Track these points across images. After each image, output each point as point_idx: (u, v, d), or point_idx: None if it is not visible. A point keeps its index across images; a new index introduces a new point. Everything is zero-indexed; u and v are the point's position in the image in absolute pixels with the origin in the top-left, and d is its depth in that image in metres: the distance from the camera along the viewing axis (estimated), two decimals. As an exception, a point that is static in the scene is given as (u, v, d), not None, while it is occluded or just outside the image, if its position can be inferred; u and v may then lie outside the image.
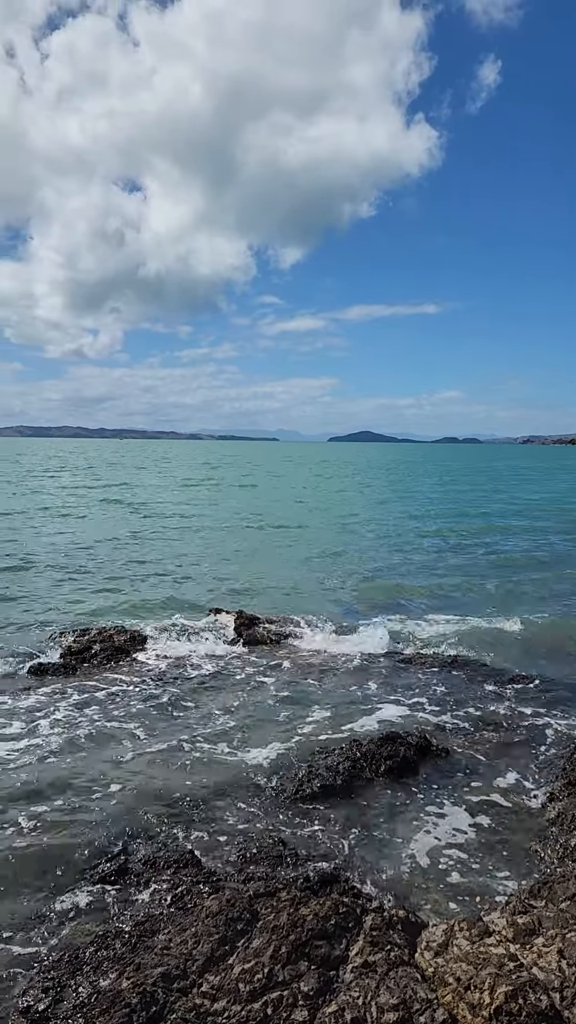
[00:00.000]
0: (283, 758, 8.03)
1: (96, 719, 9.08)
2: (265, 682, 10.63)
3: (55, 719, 9.03)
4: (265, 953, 4.25)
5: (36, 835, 6.27)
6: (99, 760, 7.89)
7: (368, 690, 10.33)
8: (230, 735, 8.67)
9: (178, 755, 8.05)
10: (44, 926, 5.10)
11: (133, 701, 9.76)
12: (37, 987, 4.33)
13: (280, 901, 4.69)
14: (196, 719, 9.18)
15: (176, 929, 4.60)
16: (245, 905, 4.67)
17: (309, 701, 9.86)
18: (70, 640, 12.21)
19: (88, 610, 15.12)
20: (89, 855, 5.96)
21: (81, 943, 4.73)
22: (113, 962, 4.40)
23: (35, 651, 12.08)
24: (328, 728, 8.92)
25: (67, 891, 5.48)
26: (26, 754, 7.99)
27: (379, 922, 4.62)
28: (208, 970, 4.22)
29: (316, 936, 4.40)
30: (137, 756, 8.01)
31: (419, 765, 7.85)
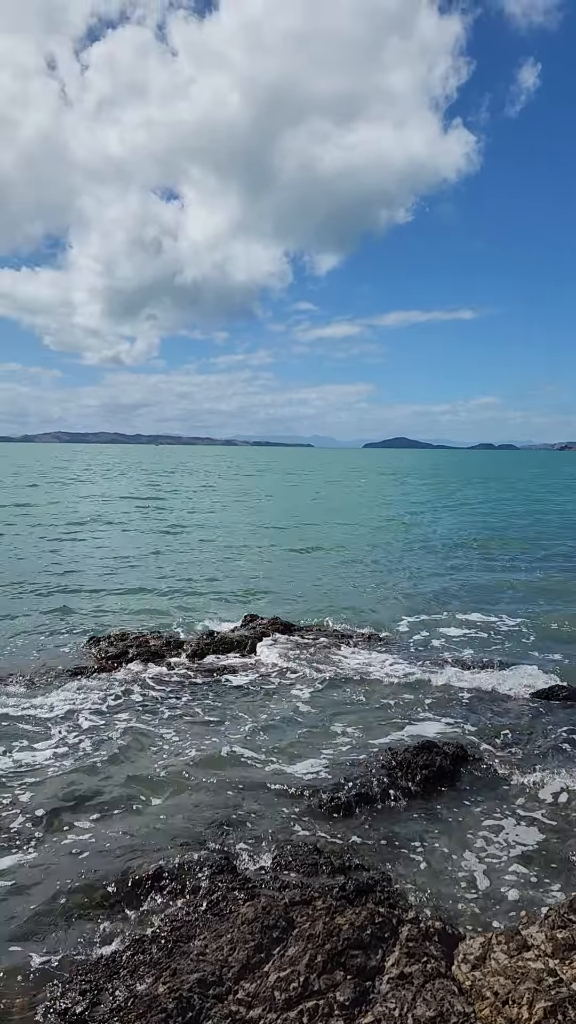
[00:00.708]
0: (317, 765, 8.00)
1: (131, 724, 9.13)
2: (299, 689, 10.61)
3: (91, 723, 9.12)
4: (301, 961, 4.24)
5: (73, 839, 6.34)
6: (134, 765, 7.94)
7: (403, 698, 10.26)
8: (264, 741, 8.67)
9: (212, 761, 8.07)
10: (80, 929, 5.14)
11: (168, 706, 9.82)
12: (75, 989, 4.37)
13: (316, 910, 4.68)
14: (230, 725, 9.20)
15: (212, 935, 4.61)
16: (281, 913, 4.66)
17: (343, 709, 9.82)
18: (106, 644, 12.32)
19: (124, 615, 15.26)
20: (125, 859, 5.99)
21: (117, 947, 4.76)
22: (149, 966, 4.42)
23: (73, 655, 12.23)
24: (363, 736, 8.88)
25: (104, 894, 5.51)
26: (64, 758, 8.07)
27: (415, 933, 4.58)
28: (244, 977, 4.22)
29: (352, 946, 4.38)
30: (171, 761, 8.04)
31: (455, 775, 7.78)
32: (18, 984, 4.57)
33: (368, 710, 9.74)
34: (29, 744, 8.45)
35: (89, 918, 5.27)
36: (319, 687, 10.69)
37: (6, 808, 6.87)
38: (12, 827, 6.51)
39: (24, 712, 9.46)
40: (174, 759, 8.09)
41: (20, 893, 5.54)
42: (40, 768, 7.78)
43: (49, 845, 6.22)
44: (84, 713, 9.47)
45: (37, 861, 5.99)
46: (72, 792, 7.20)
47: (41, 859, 6.02)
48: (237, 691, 10.53)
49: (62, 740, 8.60)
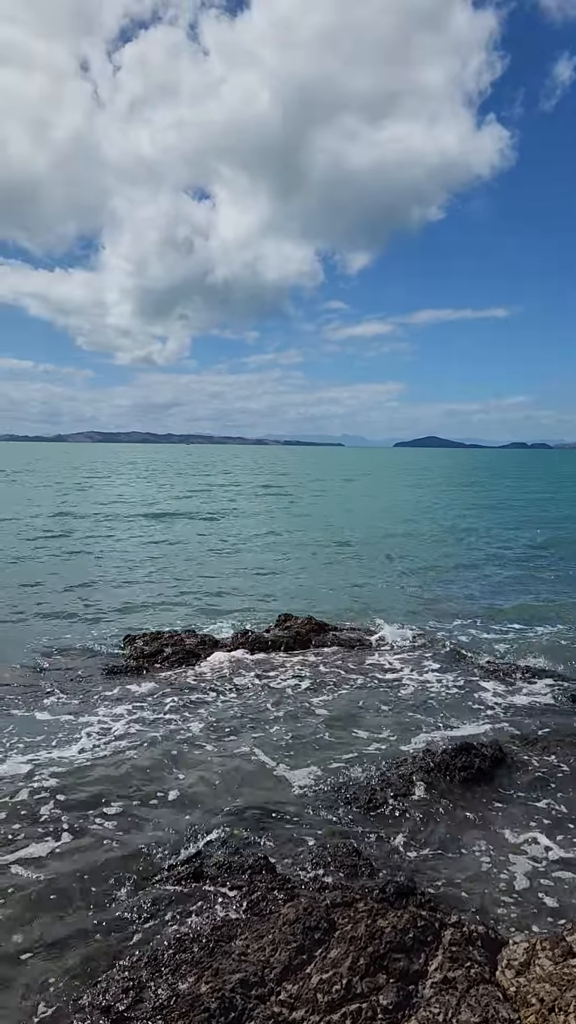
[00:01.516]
0: (354, 765, 7.97)
1: (167, 722, 9.18)
2: (335, 688, 10.59)
3: (127, 721, 9.17)
4: (343, 964, 4.22)
5: (112, 837, 6.36)
6: (170, 763, 7.97)
7: (439, 699, 10.19)
8: (300, 741, 8.66)
9: (248, 760, 8.08)
10: (122, 927, 5.16)
11: (203, 705, 9.85)
12: (117, 986, 4.38)
13: (357, 912, 4.65)
14: (265, 725, 9.20)
15: (253, 935, 4.60)
16: (322, 914, 4.64)
17: (380, 708, 9.78)
18: (142, 643, 12.40)
19: (159, 613, 15.35)
20: (164, 858, 6.02)
21: (159, 945, 4.77)
22: (191, 965, 4.42)
23: (108, 652, 12.33)
24: (399, 736, 8.83)
25: (144, 893, 5.53)
26: (98, 756, 8.12)
27: (458, 937, 4.54)
28: (286, 978, 4.21)
29: (395, 949, 4.34)
30: (207, 760, 8.06)
31: (494, 777, 7.70)
32: (60, 981, 4.60)
33: (404, 711, 9.69)
34: (65, 741, 8.52)
35: (128, 916, 5.29)
36: (354, 688, 10.65)
37: (42, 805, 6.91)
38: (48, 824, 6.54)
39: (60, 710, 9.55)
40: (209, 758, 8.11)
41: (57, 892, 5.57)
42: (75, 766, 7.82)
43: (84, 844, 6.25)
44: (119, 712, 9.54)
45: (73, 860, 6.01)
46: (107, 790, 7.24)
47: (77, 858, 6.04)
48: (272, 691, 10.52)
49: (97, 738, 8.66)
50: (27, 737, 8.53)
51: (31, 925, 5.14)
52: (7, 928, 5.09)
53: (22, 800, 6.97)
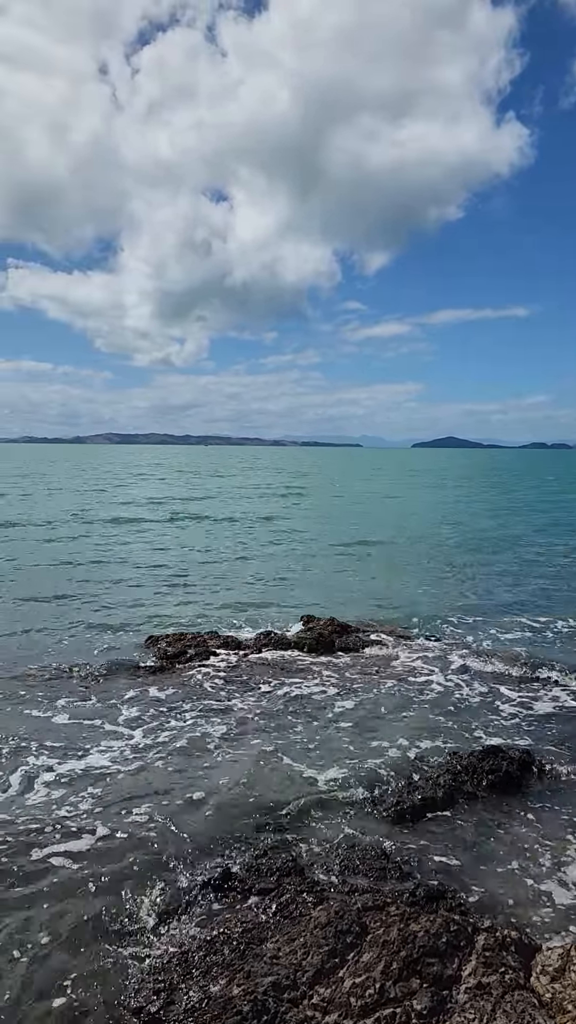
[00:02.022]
0: (380, 769, 7.93)
1: (191, 724, 9.18)
2: (359, 691, 10.54)
3: (151, 724, 9.18)
4: (376, 968, 4.19)
5: (140, 840, 6.35)
6: (196, 765, 7.96)
7: (464, 703, 10.13)
8: (325, 743, 8.63)
9: (273, 762, 8.06)
10: (153, 928, 5.16)
11: (226, 707, 9.83)
12: (149, 988, 4.39)
13: (389, 916, 4.62)
14: (289, 726, 9.18)
15: (284, 938, 4.58)
16: (354, 918, 4.61)
17: (404, 711, 9.72)
18: (165, 644, 12.41)
19: (182, 615, 15.36)
20: (193, 860, 6.01)
21: (190, 947, 4.76)
22: (223, 968, 4.41)
23: (131, 653, 12.35)
24: (425, 740, 8.77)
25: (173, 895, 5.54)
26: (123, 758, 8.13)
27: (492, 942, 4.49)
28: (318, 982, 4.19)
29: (428, 953, 4.31)
30: (233, 762, 8.05)
31: (522, 781, 7.63)
32: (94, 982, 4.60)
33: (429, 715, 9.63)
34: (90, 744, 8.54)
35: (158, 918, 5.29)
36: (378, 690, 10.60)
37: (69, 808, 6.94)
38: (75, 827, 6.54)
39: (85, 712, 9.58)
40: (234, 761, 8.10)
41: (86, 894, 5.58)
42: (99, 767, 7.85)
43: (112, 846, 6.25)
44: (143, 713, 9.55)
45: (101, 862, 6.01)
46: (133, 793, 7.24)
47: (106, 860, 6.04)
48: (295, 693, 10.49)
49: (121, 739, 8.67)
50: (52, 740, 8.54)
51: (61, 927, 5.14)
52: (38, 929, 5.10)
53: (49, 803, 6.99)
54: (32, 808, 6.89)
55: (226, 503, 46.27)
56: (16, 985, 4.55)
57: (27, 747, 8.30)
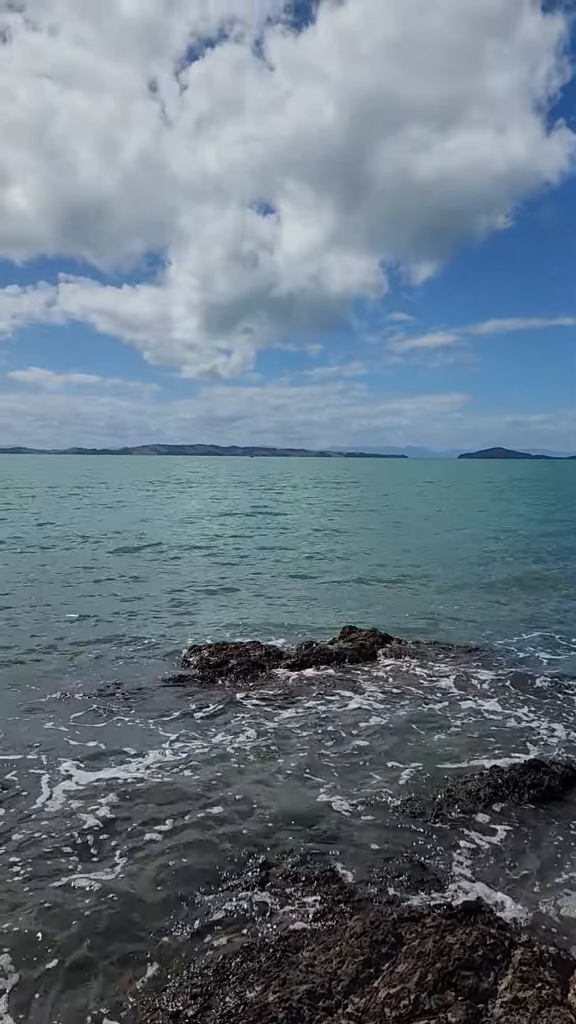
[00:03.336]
0: (419, 780, 7.90)
1: (232, 734, 9.25)
2: (399, 701, 10.51)
3: (192, 732, 9.27)
4: (411, 979, 4.19)
5: (179, 848, 6.42)
6: (235, 773, 8.02)
7: (506, 714, 10.03)
8: (364, 754, 8.63)
9: (312, 771, 8.08)
10: (190, 934, 5.22)
11: (267, 717, 9.88)
12: (185, 993, 4.44)
13: (425, 927, 4.61)
14: (329, 736, 9.19)
15: (320, 947, 4.60)
16: (389, 928, 4.62)
17: (444, 723, 9.67)
18: (207, 653, 12.52)
19: (224, 625, 15.48)
20: (231, 866, 6.06)
21: (226, 953, 4.81)
22: (259, 975, 4.45)
23: (174, 663, 12.49)
24: (464, 752, 8.71)
25: (210, 902, 5.59)
26: (165, 768, 8.21)
27: (529, 957, 4.46)
28: (353, 991, 4.20)
29: (463, 966, 4.29)
30: (272, 771, 8.10)
31: (565, 796, 7.54)
32: (128, 987, 4.68)
33: (470, 728, 9.55)
34: (130, 754, 8.64)
35: (195, 924, 5.34)
36: (419, 702, 10.56)
37: (109, 816, 7.03)
38: (115, 836, 6.64)
39: (125, 722, 9.71)
40: (273, 771, 8.14)
41: (125, 902, 5.65)
42: (141, 778, 7.93)
43: (152, 854, 6.32)
44: (185, 721, 9.65)
45: (141, 870, 6.09)
46: (173, 801, 7.31)
47: (145, 868, 6.12)
48: (337, 703, 10.51)
49: (162, 748, 8.76)
50: (92, 749, 8.63)
51: (101, 934, 5.22)
52: (79, 937, 5.18)
53: (89, 813, 7.08)
54: (67, 817, 6.98)
55: (271, 515, 46.45)
56: (54, 989, 4.65)
57: (65, 756, 8.40)
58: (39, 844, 6.44)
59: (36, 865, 6.10)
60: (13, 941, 5.08)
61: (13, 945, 5.04)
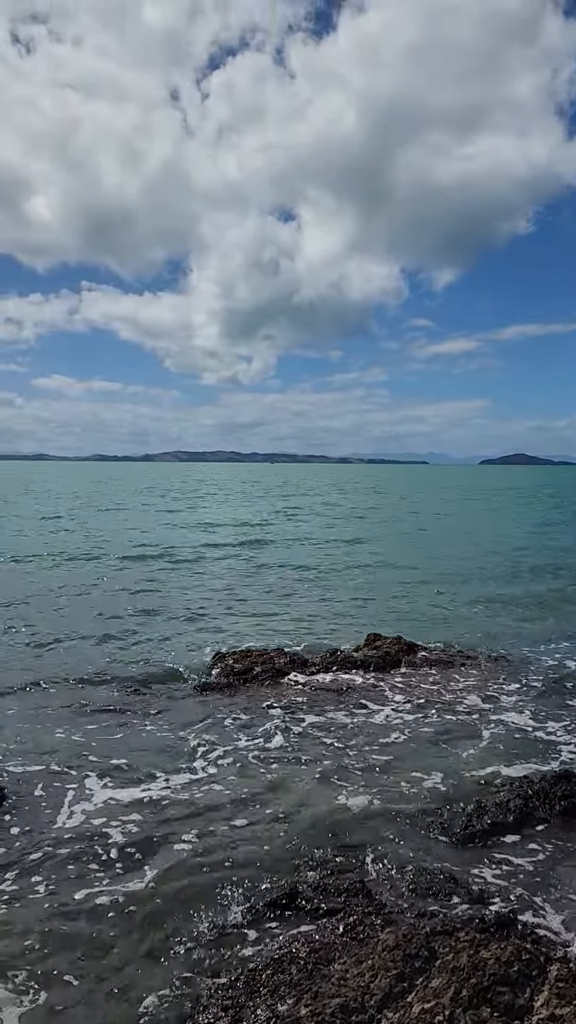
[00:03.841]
0: (447, 791, 7.82)
1: (257, 741, 9.22)
2: (425, 710, 10.43)
3: (218, 740, 9.24)
4: (445, 994, 4.12)
5: (207, 857, 6.39)
6: (261, 782, 7.98)
7: (534, 724, 9.91)
8: (390, 764, 8.55)
9: (338, 781, 8.02)
10: (219, 945, 5.18)
11: (293, 724, 9.83)
12: (216, 1005, 4.40)
13: (459, 941, 4.53)
14: (355, 746, 9.12)
15: (352, 960, 4.54)
16: (423, 942, 4.55)
17: (471, 733, 9.57)
18: (232, 661, 12.51)
19: (248, 632, 15.46)
20: (260, 878, 6.02)
21: (256, 965, 4.76)
22: (290, 987, 4.40)
23: (199, 670, 12.48)
24: (492, 762, 8.61)
25: (239, 913, 5.55)
26: (192, 776, 8.19)
27: (565, 973, 4.36)
28: (386, 1006, 4.14)
29: (498, 982, 4.22)
30: (298, 780, 8.04)
31: (596, 807, 7.42)
32: (158, 999, 4.65)
33: (498, 738, 9.44)
34: (155, 760, 8.64)
35: (224, 936, 5.31)
36: (445, 712, 10.46)
37: (128, 825, 7.02)
38: (141, 848, 6.60)
39: (152, 728, 9.71)
40: (300, 781, 8.08)
41: (155, 908, 5.64)
42: (166, 786, 7.91)
43: (179, 864, 6.29)
44: (210, 730, 9.63)
45: (169, 880, 6.05)
46: (199, 811, 7.28)
47: (173, 879, 6.07)
48: (362, 712, 10.44)
49: (187, 758, 8.74)
50: (117, 760, 8.58)
51: (127, 947, 5.19)
52: (105, 950, 5.16)
53: (113, 826, 7.03)
54: (91, 830, 6.94)
55: (294, 522, 46.42)
56: (80, 1004, 4.63)
57: (88, 768, 8.36)
58: (63, 857, 6.40)
59: (61, 878, 6.08)
60: (37, 957, 5.04)
61: (37, 960, 5.01)
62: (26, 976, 4.83)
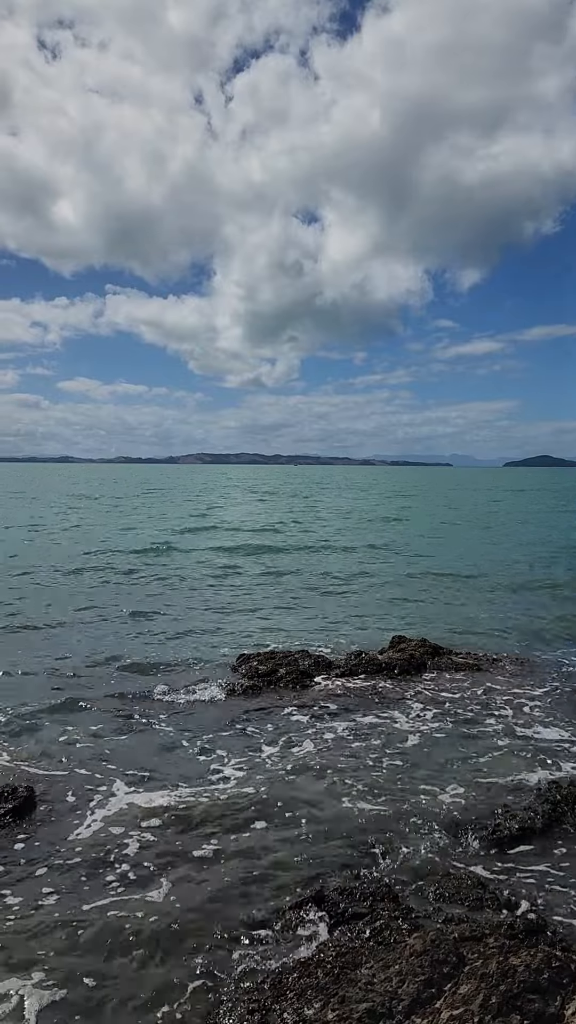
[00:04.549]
0: (474, 795, 7.75)
1: (280, 744, 9.20)
2: (450, 714, 10.34)
3: (241, 743, 9.24)
4: (474, 1001, 4.06)
5: (233, 858, 6.39)
6: (284, 786, 7.94)
7: (561, 729, 9.79)
8: (415, 768, 8.49)
9: (364, 784, 7.97)
10: (246, 947, 5.17)
11: (318, 727, 9.80)
12: (242, 1008, 4.38)
13: (488, 947, 4.48)
14: (379, 749, 9.07)
15: (379, 965, 4.50)
16: (450, 947, 4.50)
17: (497, 737, 9.48)
18: (256, 663, 12.49)
19: (273, 633, 15.45)
20: (285, 881, 6.00)
21: (283, 968, 4.74)
22: (316, 991, 4.37)
23: (224, 671, 12.48)
24: (519, 768, 8.52)
25: (265, 914, 5.54)
26: (215, 778, 8.19)
27: (597, 981, 4.30)
28: (414, 1012, 4.09)
29: (528, 989, 4.15)
30: (321, 785, 8.00)
31: (626, 813, 7.31)
32: (185, 1000, 4.64)
33: (525, 743, 9.35)
34: (178, 763, 8.66)
35: (251, 938, 5.29)
36: (470, 713, 10.37)
37: (158, 829, 7.02)
38: (162, 849, 6.62)
39: (175, 730, 9.71)
40: (323, 781, 8.06)
41: (179, 911, 5.64)
42: (189, 789, 7.90)
43: (201, 867, 6.29)
44: (233, 733, 9.62)
45: (194, 877, 6.09)
46: (224, 816, 7.26)
47: (197, 876, 6.11)
48: (387, 715, 10.38)
49: (210, 761, 8.74)
50: (140, 763, 8.61)
51: (153, 946, 5.20)
52: (130, 953, 5.16)
53: (137, 830, 7.03)
54: (113, 835, 6.95)
55: (321, 523, 46.37)
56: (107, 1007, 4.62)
57: (111, 773, 8.35)
58: (89, 861, 6.42)
59: (86, 883, 6.08)
60: (61, 962, 5.04)
61: (62, 965, 5.00)
62: (52, 976, 4.85)
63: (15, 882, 6.08)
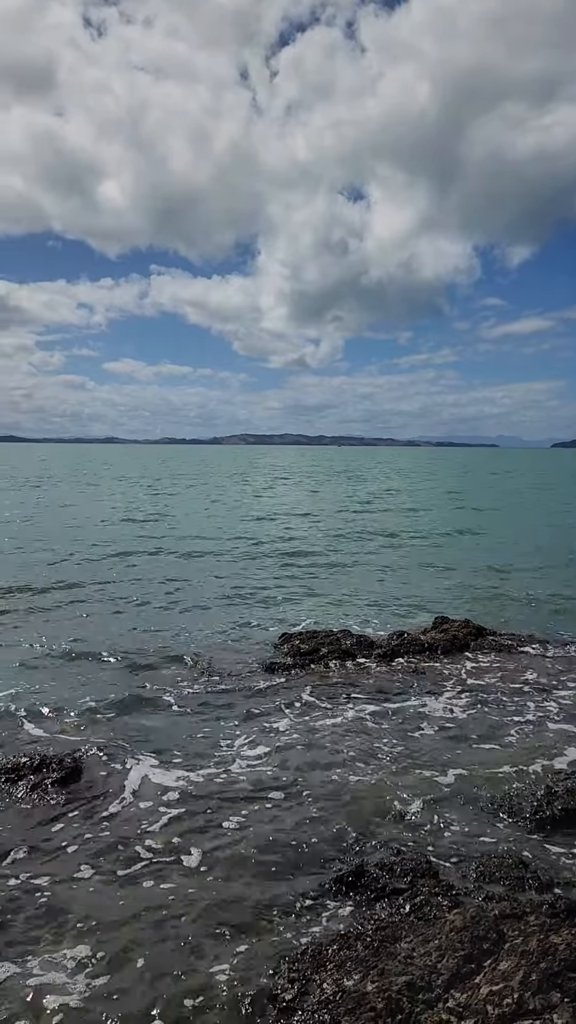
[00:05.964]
0: (515, 777, 7.70)
1: (326, 720, 9.25)
2: (492, 695, 10.29)
3: (282, 721, 9.30)
4: (514, 977, 4.08)
5: (276, 833, 6.47)
6: (324, 766, 7.98)
7: (608, 711, 9.69)
8: (456, 748, 8.47)
9: (407, 762, 8.00)
10: (288, 918, 5.24)
11: (360, 707, 9.83)
12: (284, 977, 4.45)
13: (528, 925, 4.49)
14: (423, 727, 9.08)
15: (419, 939, 4.54)
16: (491, 924, 4.51)
17: (540, 719, 9.40)
18: (298, 642, 12.55)
19: (316, 612, 15.50)
20: (327, 855, 6.07)
21: (323, 940, 4.80)
22: (356, 963, 4.42)
23: (266, 651, 12.57)
24: (562, 749, 8.45)
25: (308, 887, 5.61)
26: (256, 757, 8.25)
27: None
28: (454, 986, 4.12)
29: (569, 968, 4.15)
30: (367, 760, 8.06)
31: None
32: (227, 967, 4.73)
33: (567, 722, 9.26)
34: (219, 740, 8.75)
35: (293, 911, 5.36)
36: (513, 695, 10.31)
37: (197, 806, 7.09)
38: (209, 824, 6.71)
39: (219, 708, 9.82)
40: (367, 757, 8.11)
41: (223, 881, 5.74)
42: (229, 768, 7.97)
43: (246, 835, 6.41)
44: (275, 711, 9.70)
45: (236, 851, 6.16)
46: (268, 786, 7.39)
47: (240, 848, 6.20)
48: (428, 695, 10.37)
49: (255, 736, 8.83)
50: (179, 742, 8.72)
51: (193, 919, 5.28)
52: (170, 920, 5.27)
53: (183, 804, 7.15)
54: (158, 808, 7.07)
55: (364, 504, 46.23)
56: (149, 973, 4.73)
57: (149, 750, 8.47)
58: (123, 839, 6.48)
59: (123, 858, 6.16)
60: (102, 930, 5.15)
61: (103, 934, 5.11)
62: (99, 946, 4.98)
63: (54, 850, 6.23)
